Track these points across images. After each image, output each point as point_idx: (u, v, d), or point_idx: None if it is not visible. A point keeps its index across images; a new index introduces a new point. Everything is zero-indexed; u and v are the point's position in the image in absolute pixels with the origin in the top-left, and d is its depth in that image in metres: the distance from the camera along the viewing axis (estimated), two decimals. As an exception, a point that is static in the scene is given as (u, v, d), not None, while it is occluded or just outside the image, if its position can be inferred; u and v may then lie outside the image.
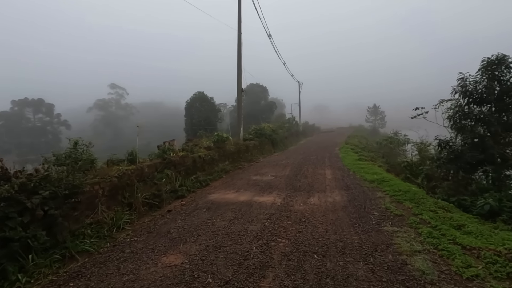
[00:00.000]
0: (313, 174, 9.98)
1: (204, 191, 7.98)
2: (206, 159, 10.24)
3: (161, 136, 28.54)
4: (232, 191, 7.68)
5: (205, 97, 34.54)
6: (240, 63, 17.97)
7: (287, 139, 28.45)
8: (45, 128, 65.43)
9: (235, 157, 13.56)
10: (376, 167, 11.40)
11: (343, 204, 6.02)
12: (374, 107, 74.30)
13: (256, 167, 12.33)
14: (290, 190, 7.51)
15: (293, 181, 8.71)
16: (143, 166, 6.93)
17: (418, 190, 6.75)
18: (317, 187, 7.75)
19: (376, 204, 5.99)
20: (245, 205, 6.17)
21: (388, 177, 8.64)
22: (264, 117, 43.48)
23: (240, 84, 17.93)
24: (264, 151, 18.96)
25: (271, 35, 23.29)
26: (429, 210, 5.59)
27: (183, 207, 6.36)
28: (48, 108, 66.22)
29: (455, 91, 7.73)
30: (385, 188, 7.31)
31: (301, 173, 10.21)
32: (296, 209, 5.74)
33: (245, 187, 8.14)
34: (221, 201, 6.64)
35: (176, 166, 8.32)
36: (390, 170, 11.18)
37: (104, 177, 5.62)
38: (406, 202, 6.06)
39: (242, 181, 9.04)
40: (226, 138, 11.90)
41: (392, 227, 4.68)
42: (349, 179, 8.87)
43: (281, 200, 6.50)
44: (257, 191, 7.48)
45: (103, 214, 5.31)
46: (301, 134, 38.54)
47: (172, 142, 10.24)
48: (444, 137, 7.99)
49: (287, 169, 11.17)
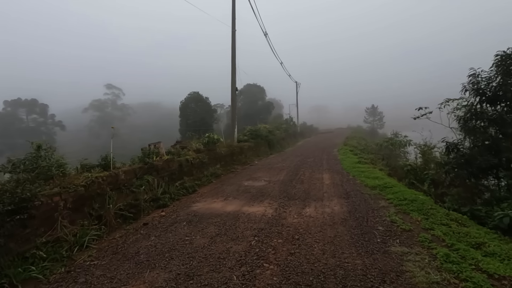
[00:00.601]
0: (310, 179, 9.26)
1: (189, 199, 7.24)
2: (194, 162, 9.50)
3: (158, 137, 27.79)
4: (219, 199, 6.94)
5: (200, 97, 33.77)
6: (234, 61, 17.26)
7: (284, 140, 27.74)
8: (39, 129, 64.34)
9: (228, 160, 12.82)
10: (377, 170, 10.70)
11: (343, 216, 5.30)
12: (372, 108, 73.83)
13: (249, 171, 11.60)
14: (283, 198, 6.78)
15: (288, 187, 7.98)
16: (119, 172, 6.18)
17: (426, 199, 6.04)
18: (313, 195, 7.03)
19: (380, 216, 5.27)
20: (231, 217, 5.43)
21: (391, 182, 7.94)
22: (261, 117, 42.81)
23: (234, 83, 17.21)
24: (259, 153, 18.24)
25: (267, 33, 22.64)
26: (440, 223, 4.89)
27: (162, 219, 5.61)
28: (42, 108, 65.23)
29: (465, 89, 7.04)
30: (389, 196, 6.60)
31: (297, 177, 9.48)
32: (289, 223, 5.01)
33: (234, 194, 7.40)
34: (206, 211, 5.90)
35: (159, 171, 7.58)
36: (392, 174, 10.49)
37: (68, 186, 4.87)
38: (414, 214, 5.35)
39: (232, 187, 8.30)
40: (217, 140, 11.17)
41: (400, 247, 3.96)
42: (349, 185, 8.16)
43: (272, 211, 5.77)
44: (247, 200, 6.74)
45: (64, 230, 4.56)
46: (299, 135, 37.84)
47: (158, 145, 9.49)
48: (452, 139, 7.30)
49: (283, 173, 10.44)
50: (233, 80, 17.14)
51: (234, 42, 17.31)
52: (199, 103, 33.61)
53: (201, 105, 33.55)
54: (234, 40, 17.32)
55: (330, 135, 44.90)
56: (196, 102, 33.67)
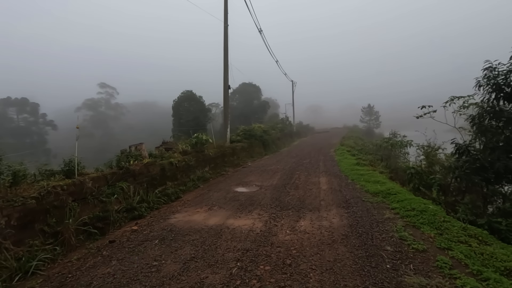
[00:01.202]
0: (306, 183, 8.49)
1: (169, 208, 6.43)
2: (179, 166, 8.68)
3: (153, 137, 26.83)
4: (203, 209, 6.14)
5: (194, 96, 32.84)
6: (227, 58, 16.45)
7: (280, 140, 27.01)
8: (30, 129, 62.90)
9: (219, 162, 12.02)
10: (377, 173, 9.97)
11: (343, 232, 4.53)
12: (368, 107, 73.43)
13: (241, 174, 10.80)
14: (275, 208, 5.99)
15: (281, 193, 7.20)
16: (85, 179, 5.34)
17: (437, 209, 5.31)
18: (309, 203, 6.26)
19: (387, 231, 4.52)
20: (213, 233, 4.64)
21: (394, 188, 7.20)
22: (257, 117, 42.08)
23: (227, 81, 16.40)
24: (253, 153, 17.46)
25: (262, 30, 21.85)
26: (458, 240, 4.14)
27: (132, 236, 4.79)
28: (33, 107, 63.78)
29: (479, 84, 6.32)
30: (394, 205, 5.85)
31: (292, 182, 8.71)
32: (280, 241, 4.23)
33: (221, 202, 6.60)
34: (184, 225, 5.09)
35: (136, 176, 6.75)
36: (393, 177, 9.77)
37: (13, 199, 4.04)
38: (425, 228, 4.60)
39: (219, 194, 7.50)
40: (205, 141, 10.36)
41: (416, 276, 3.20)
42: (348, 191, 7.41)
43: (262, 224, 4.98)
44: (234, 210, 5.95)
45: (5, 253, 3.73)
46: (295, 135, 37.12)
47: (139, 146, 8.67)
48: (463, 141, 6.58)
49: (276, 177, 9.67)
50: (225, 78, 16.35)
51: (226, 38, 16.50)
52: (193, 102, 32.67)
53: (194, 104, 32.61)
54: (227, 36, 16.51)
55: (326, 134, 44.29)
56: (189, 101, 32.73)
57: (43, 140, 62.95)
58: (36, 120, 63.82)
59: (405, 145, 12.27)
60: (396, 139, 19.07)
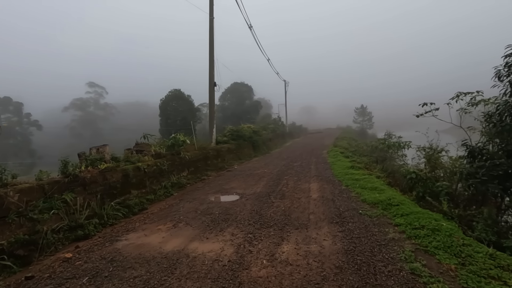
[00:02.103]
0: (294, 190, 7.43)
1: (127, 224, 5.28)
2: (149, 171, 7.51)
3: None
4: (166, 226, 5.01)
5: (182, 95, 31.52)
6: (213, 53, 15.36)
7: (272, 141, 25.97)
8: (13, 129, 60.56)
9: (200, 165, 10.88)
10: (374, 178, 8.97)
11: (337, 263, 3.46)
12: (361, 108, 73.19)
13: (223, 179, 9.69)
14: (254, 224, 4.90)
15: (264, 205, 6.11)
16: (7, 192, 4.16)
17: (451, 227, 4.29)
18: (296, 218, 5.18)
19: (393, 261, 3.46)
20: (165, 265, 3.51)
21: (396, 197, 6.18)
22: (248, 117, 41.02)
23: (213, 78, 15.30)
24: (242, 155, 16.36)
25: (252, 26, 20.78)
26: (488, 275, 3.11)
27: (60, 268, 3.63)
28: (16, 107, 61.52)
29: (498, 74, 5.35)
30: (398, 220, 4.82)
31: (278, 189, 7.63)
32: (252, 279, 3.14)
33: (190, 216, 5.48)
34: (132, 252, 3.95)
35: (87, 185, 5.57)
36: (392, 183, 8.78)
37: None
38: (442, 255, 3.56)
39: (191, 205, 6.37)
40: (183, 142, 9.20)
41: None
42: (342, 200, 6.37)
43: (232, 250, 3.87)
44: (203, 227, 4.83)
45: None
46: (287, 136, 36.16)
47: (102, 148, 7.48)
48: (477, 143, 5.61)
49: (262, 183, 8.58)
50: (211, 74, 15.25)
51: (212, 32, 15.41)
52: (181, 101, 31.35)
53: (182, 104, 31.30)
54: (212, 30, 15.42)
55: (319, 135, 43.51)
56: (177, 100, 31.41)
57: (27, 141, 60.79)
58: (20, 120, 61.53)
59: (403, 147, 11.31)
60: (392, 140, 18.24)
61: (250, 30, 20.90)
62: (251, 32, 20.95)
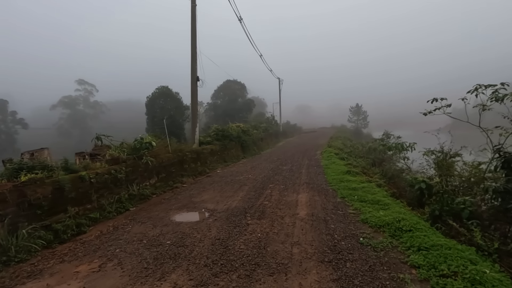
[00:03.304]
0: (277, 205, 6.00)
1: (38, 262, 3.79)
2: (99, 180, 6.00)
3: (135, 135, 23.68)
4: (89, 266, 3.53)
5: (170, 92, 29.81)
6: (195, 44, 13.86)
7: (263, 141, 24.53)
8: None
9: (175, 170, 9.40)
10: (374, 187, 7.60)
11: None
12: (356, 107, 72.22)
13: (197, 188, 8.21)
14: (212, 266, 3.44)
15: (234, 229, 4.66)
16: None
17: (499, 277, 2.91)
18: (273, 253, 3.75)
19: None
20: None
21: (406, 216, 4.79)
22: (241, 116, 39.57)
23: (195, 71, 13.79)
24: (228, 157, 14.88)
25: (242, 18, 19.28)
26: None
27: None
28: (0, 104, 59.11)
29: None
30: (415, 258, 3.41)
31: (259, 203, 6.19)
32: None
33: (128, 250, 3.99)
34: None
35: (-10, 206, 4.06)
36: (396, 193, 7.40)
37: None
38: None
39: (141, 228, 4.89)
40: (147, 145, 7.68)
41: None
42: (337, 220, 4.97)
43: (161, 325, 2.42)
44: (138, 271, 3.35)
45: None
46: (281, 135, 34.78)
47: (38, 153, 5.99)
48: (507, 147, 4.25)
49: (240, 193, 7.13)
50: (193, 68, 13.74)
51: (194, 20, 13.90)
52: (168, 99, 29.67)
53: (170, 101, 29.63)
54: (195, 18, 13.90)
55: (313, 134, 42.26)
56: (165, 97, 29.73)
57: (12, 140, 58.52)
58: (4, 118, 59.16)
59: (405, 149, 9.97)
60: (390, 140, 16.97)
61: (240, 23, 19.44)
62: (241, 25, 19.46)
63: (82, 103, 78.95)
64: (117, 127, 75.44)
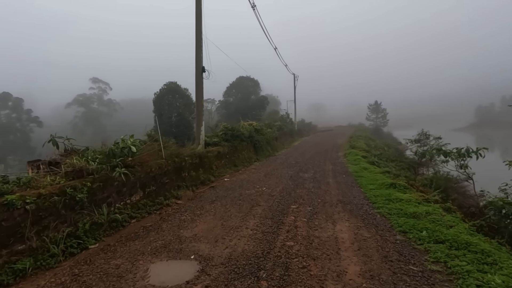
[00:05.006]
0: (308, 250, 3.83)
1: None
2: (41, 207, 4.03)
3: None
4: None
5: (178, 88, 27.98)
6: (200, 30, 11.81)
7: (278, 140, 22.33)
8: (13, 126, 58.76)
9: (169, 181, 7.40)
10: (441, 212, 5.30)
11: None
12: (375, 104, 68.61)
13: (194, 209, 6.14)
14: None
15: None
16: None
17: None
18: None
19: None
20: None
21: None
22: (254, 114, 37.38)
23: (200, 61, 11.76)
24: (238, 160, 12.80)
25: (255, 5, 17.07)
26: None
27: None
28: (15, 103, 59.61)
29: None
30: None
31: (279, 244, 4.04)
32: None
33: None
34: None
35: None
36: (484, 227, 5.08)
37: None
38: None
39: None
40: (128, 152, 5.66)
41: None
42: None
43: None
44: None
45: None
46: (296, 134, 32.43)
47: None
48: None
49: (251, 223, 4.99)
50: (198, 57, 11.70)
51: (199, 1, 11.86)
52: (177, 95, 27.88)
53: (179, 98, 27.82)
54: None
55: (330, 133, 39.71)
56: (173, 94, 27.96)
57: (27, 138, 58.89)
58: (19, 116, 59.59)
59: (469, 155, 7.53)
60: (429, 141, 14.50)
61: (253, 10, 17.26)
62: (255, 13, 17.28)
63: (96, 101, 79.24)
64: (130, 125, 75.27)
